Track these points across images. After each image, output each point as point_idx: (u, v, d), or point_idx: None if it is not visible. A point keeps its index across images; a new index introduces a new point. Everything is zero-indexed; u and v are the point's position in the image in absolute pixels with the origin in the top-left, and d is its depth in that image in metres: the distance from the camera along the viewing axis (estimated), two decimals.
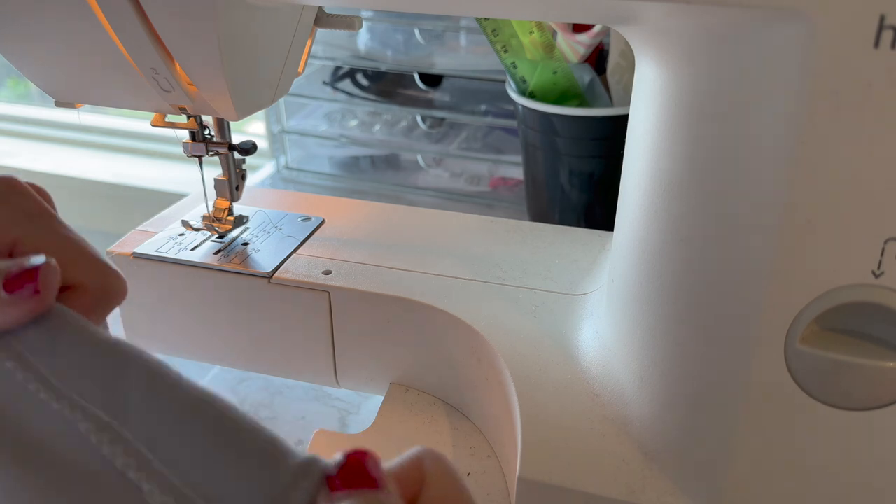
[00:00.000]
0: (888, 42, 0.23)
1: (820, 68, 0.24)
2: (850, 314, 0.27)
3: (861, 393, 0.27)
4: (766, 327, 0.28)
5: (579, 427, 0.35)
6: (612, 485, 0.32)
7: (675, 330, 0.32)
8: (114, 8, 0.33)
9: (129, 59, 0.36)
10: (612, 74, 0.58)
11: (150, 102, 0.40)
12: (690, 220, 0.30)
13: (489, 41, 0.59)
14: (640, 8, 0.28)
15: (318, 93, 0.85)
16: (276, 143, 0.86)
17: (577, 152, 0.60)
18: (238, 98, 0.38)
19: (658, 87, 0.32)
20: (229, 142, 0.46)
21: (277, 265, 0.46)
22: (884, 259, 0.25)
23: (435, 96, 0.84)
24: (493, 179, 0.80)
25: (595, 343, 0.39)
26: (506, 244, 0.49)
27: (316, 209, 0.53)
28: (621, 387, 0.36)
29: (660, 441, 0.33)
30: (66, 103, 0.42)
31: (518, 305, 0.43)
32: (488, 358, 0.40)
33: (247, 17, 0.35)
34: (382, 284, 0.44)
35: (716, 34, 0.27)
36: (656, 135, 0.32)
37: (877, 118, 0.24)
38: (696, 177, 0.30)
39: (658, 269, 0.33)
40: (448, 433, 0.42)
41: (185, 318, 0.48)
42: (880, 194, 0.25)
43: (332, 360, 0.46)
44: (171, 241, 0.48)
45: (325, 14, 0.42)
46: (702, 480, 0.32)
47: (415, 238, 0.49)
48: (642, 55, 0.33)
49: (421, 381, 0.45)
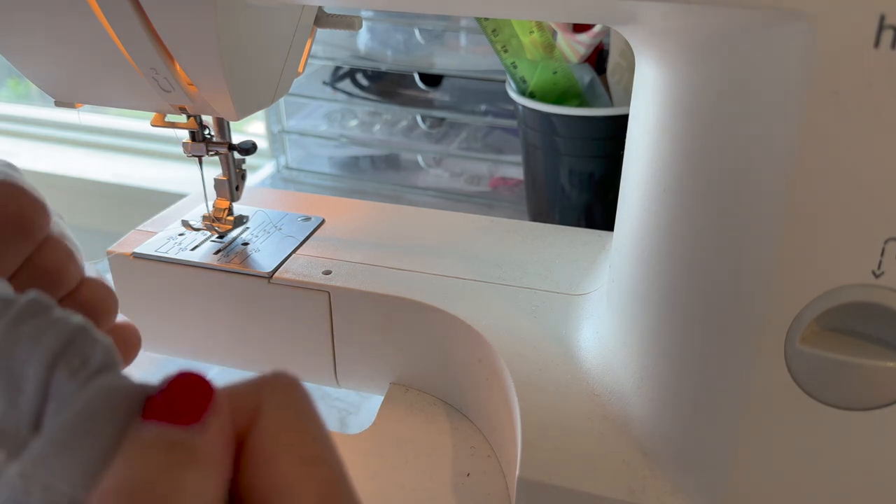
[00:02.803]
0: (888, 42, 0.23)
1: (820, 68, 0.24)
2: (850, 314, 0.27)
3: (861, 393, 0.27)
4: (767, 327, 0.28)
5: (579, 427, 0.35)
6: (612, 485, 0.32)
7: (675, 330, 0.32)
8: (113, 7, 0.33)
9: (129, 58, 0.36)
10: (612, 74, 0.58)
11: (150, 102, 0.40)
12: (690, 221, 0.30)
13: (489, 41, 0.59)
14: (640, 8, 0.28)
15: (318, 93, 0.85)
16: (276, 143, 0.86)
17: (577, 152, 0.60)
18: (238, 98, 0.38)
19: (658, 87, 0.32)
20: (229, 142, 0.46)
21: (277, 265, 0.46)
22: (884, 259, 0.25)
23: (435, 96, 0.84)
24: (493, 179, 0.80)
25: (595, 343, 0.39)
26: (506, 244, 0.49)
27: (316, 209, 0.53)
28: (621, 387, 0.36)
29: (660, 441, 0.33)
30: (66, 103, 0.42)
31: (518, 305, 0.43)
32: (488, 358, 0.40)
33: (247, 17, 0.35)
34: (382, 284, 0.44)
35: (716, 34, 0.27)
36: (656, 135, 0.32)
37: (877, 118, 0.24)
38: (697, 177, 0.30)
39: (658, 269, 0.33)
40: (448, 433, 0.42)
41: (185, 318, 0.48)
42: (880, 194, 0.25)
43: (332, 360, 0.46)
44: (170, 241, 0.48)
45: (325, 14, 0.42)
46: (702, 480, 0.32)
47: (415, 238, 0.49)
48: (642, 55, 0.33)
49: (421, 381, 0.45)
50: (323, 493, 0.16)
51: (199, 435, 0.15)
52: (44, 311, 0.16)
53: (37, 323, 0.16)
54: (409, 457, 0.40)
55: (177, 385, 0.16)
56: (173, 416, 0.15)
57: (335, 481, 0.16)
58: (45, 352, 0.15)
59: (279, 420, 0.16)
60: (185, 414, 0.15)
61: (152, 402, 0.16)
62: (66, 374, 0.15)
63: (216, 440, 0.15)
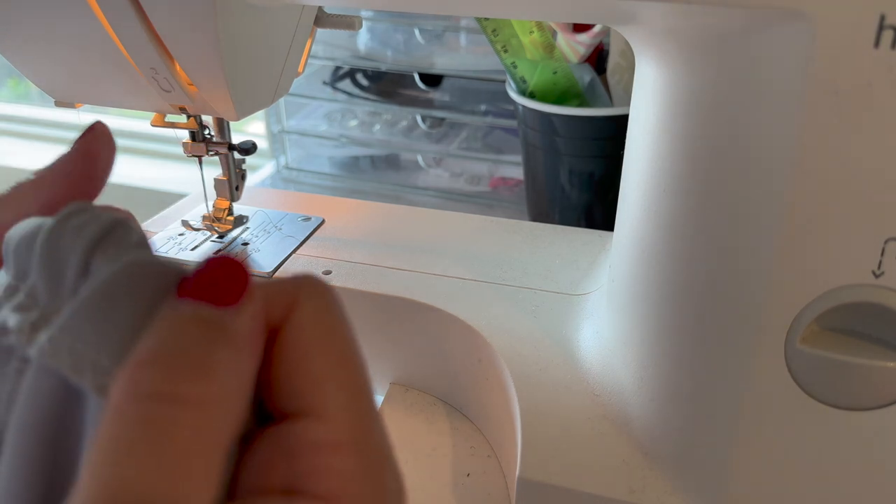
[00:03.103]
0: (888, 42, 0.23)
1: (820, 68, 0.24)
2: (850, 314, 0.27)
3: (861, 393, 0.27)
4: (767, 327, 0.28)
5: (579, 427, 0.35)
6: (612, 485, 0.32)
7: (675, 330, 0.32)
8: (114, 7, 0.33)
9: (129, 58, 0.36)
10: (612, 74, 0.58)
11: (149, 102, 0.40)
12: (690, 221, 0.30)
13: (489, 41, 0.59)
14: (640, 8, 0.28)
15: (318, 93, 0.85)
16: (276, 143, 0.86)
17: (577, 152, 0.60)
18: (238, 98, 0.38)
19: (658, 87, 0.32)
20: (229, 142, 0.46)
21: (277, 265, 0.46)
22: (884, 259, 0.25)
23: (435, 96, 0.84)
24: (493, 179, 0.80)
25: (595, 343, 0.39)
26: (506, 244, 0.49)
27: (316, 209, 0.53)
28: (621, 387, 0.36)
29: (660, 441, 0.33)
30: (66, 103, 0.42)
31: (518, 305, 0.43)
32: (488, 358, 0.40)
33: (247, 17, 0.35)
34: (382, 284, 0.44)
35: (716, 34, 0.27)
36: (656, 135, 0.32)
37: (877, 118, 0.24)
38: (696, 177, 0.30)
39: (658, 269, 0.33)
40: (448, 433, 0.42)
41: None
42: (880, 194, 0.25)
43: None
44: (170, 242, 0.48)
45: (325, 14, 0.42)
46: (702, 480, 0.32)
47: (415, 238, 0.49)
48: (642, 55, 0.33)
49: (421, 381, 0.45)
50: (351, 395, 0.16)
51: (234, 316, 0.15)
52: (87, 210, 0.17)
53: (81, 217, 0.16)
54: (409, 457, 0.40)
55: (214, 267, 0.16)
56: (209, 296, 0.15)
57: (363, 388, 0.16)
58: (85, 240, 0.16)
59: (316, 317, 0.16)
60: (221, 295, 0.15)
61: (188, 281, 0.16)
62: (102, 258, 0.16)
63: (250, 324, 0.15)
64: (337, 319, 0.17)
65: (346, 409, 0.16)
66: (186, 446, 0.14)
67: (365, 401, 0.16)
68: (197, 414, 0.14)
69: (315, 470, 0.15)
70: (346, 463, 0.15)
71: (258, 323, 0.16)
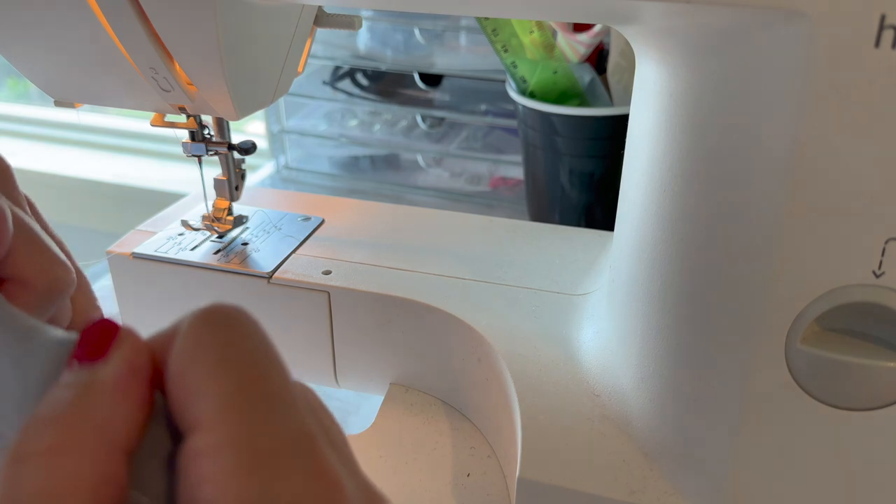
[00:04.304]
0: (889, 42, 0.23)
1: (820, 68, 0.24)
2: (850, 314, 0.27)
3: (861, 393, 0.27)
4: (767, 327, 0.28)
5: (579, 427, 0.35)
6: (612, 485, 0.32)
7: (675, 330, 0.32)
8: (113, 7, 0.33)
9: (129, 58, 0.36)
10: (612, 74, 0.58)
11: (149, 102, 0.40)
12: (690, 220, 0.30)
13: (489, 41, 0.59)
14: (641, 8, 0.28)
15: (318, 93, 0.85)
16: (276, 143, 0.86)
17: (577, 152, 0.60)
18: (238, 98, 0.38)
19: (658, 87, 0.32)
20: (229, 141, 0.46)
21: (277, 265, 0.46)
22: (884, 259, 0.25)
23: (435, 96, 0.84)
24: (493, 179, 0.80)
25: (595, 343, 0.39)
26: (506, 244, 0.49)
27: (316, 209, 0.53)
28: (621, 387, 0.36)
29: (660, 441, 0.33)
30: (66, 103, 0.42)
31: (518, 305, 0.43)
32: (488, 358, 0.40)
33: (247, 17, 0.35)
34: (382, 284, 0.44)
35: (716, 34, 0.27)
36: (656, 135, 0.32)
37: (877, 118, 0.24)
38: (696, 177, 0.30)
39: (658, 269, 0.33)
40: (448, 433, 0.42)
41: None
42: (881, 194, 0.25)
43: (332, 360, 0.46)
44: (170, 241, 0.48)
45: (325, 13, 0.42)
46: (702, 480, 0.32)
47: (415, 238, 0.49)
48: (642, 55, 0.33)
49: (421, 381, 0.45)
50: (229, 400, 0.16)
51: (103, 369, 0.17)
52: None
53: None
54: (409, 457, 0.40)
55: (87, 329, 0.18)
56: (84, 356, 0.17)
57: (246, 390, 0.16)
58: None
59: (187, 336, 0.17)
60: (91, 353, 0.17)
61: (78, 350, 0.17)
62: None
63: (121, 371, 0.17)
64: (214, 332, 0.17)
65: (223, 412, 0.16)
66: (39, 492, 0.15)
67: (249, 401, 0.16)
68: (47, 461, 0.15)
69: (201, 478, 0.15)
70: (225, 463, 0.15)
71: (133, 366, 0.17)
